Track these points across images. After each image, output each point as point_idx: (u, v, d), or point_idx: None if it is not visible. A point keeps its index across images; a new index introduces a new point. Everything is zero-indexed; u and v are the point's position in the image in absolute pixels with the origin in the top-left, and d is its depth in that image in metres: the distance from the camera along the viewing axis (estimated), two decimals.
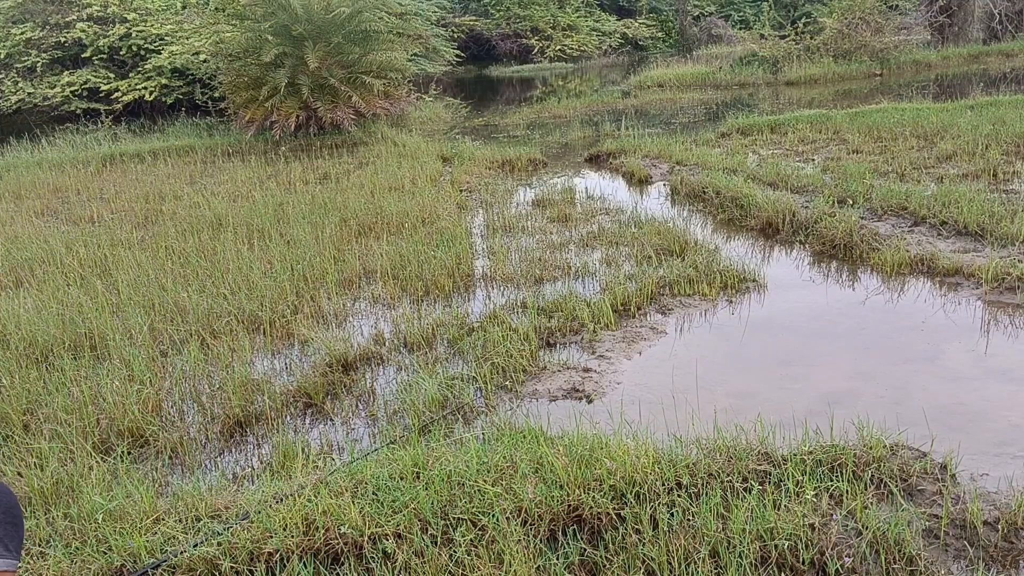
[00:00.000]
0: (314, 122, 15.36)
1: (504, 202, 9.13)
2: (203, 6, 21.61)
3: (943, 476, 3.22)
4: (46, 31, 20.77)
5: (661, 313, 5.46)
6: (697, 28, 37.40)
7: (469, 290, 6.19)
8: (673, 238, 6.82)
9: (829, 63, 22.37)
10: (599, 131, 14.79)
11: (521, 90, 27.31)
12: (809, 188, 8.23)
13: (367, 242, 7.41)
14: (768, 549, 2.74)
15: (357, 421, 4.25)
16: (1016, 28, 25.34)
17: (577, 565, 2.76)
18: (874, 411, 3.74)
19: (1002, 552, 2.78)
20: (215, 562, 2.81)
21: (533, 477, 3.11)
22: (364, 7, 15.64)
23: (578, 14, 37.53)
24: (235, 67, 15.82)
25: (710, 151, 11.00)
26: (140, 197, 10.41)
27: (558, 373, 4.61)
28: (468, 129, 17.12)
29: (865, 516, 2.87)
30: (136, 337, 5.19)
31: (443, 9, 32.99)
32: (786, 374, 4.52)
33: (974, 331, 4.87)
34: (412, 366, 4.79)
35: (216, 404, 4.40)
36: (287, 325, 5.50)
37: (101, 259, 7.21)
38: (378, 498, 3.06)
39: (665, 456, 3.26)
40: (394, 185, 9.99)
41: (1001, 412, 3.88)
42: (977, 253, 6.01)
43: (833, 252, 6.48)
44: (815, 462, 3.23)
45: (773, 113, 14.85)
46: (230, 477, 3.74)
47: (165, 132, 17.70)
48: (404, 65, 16.97)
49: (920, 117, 11.80)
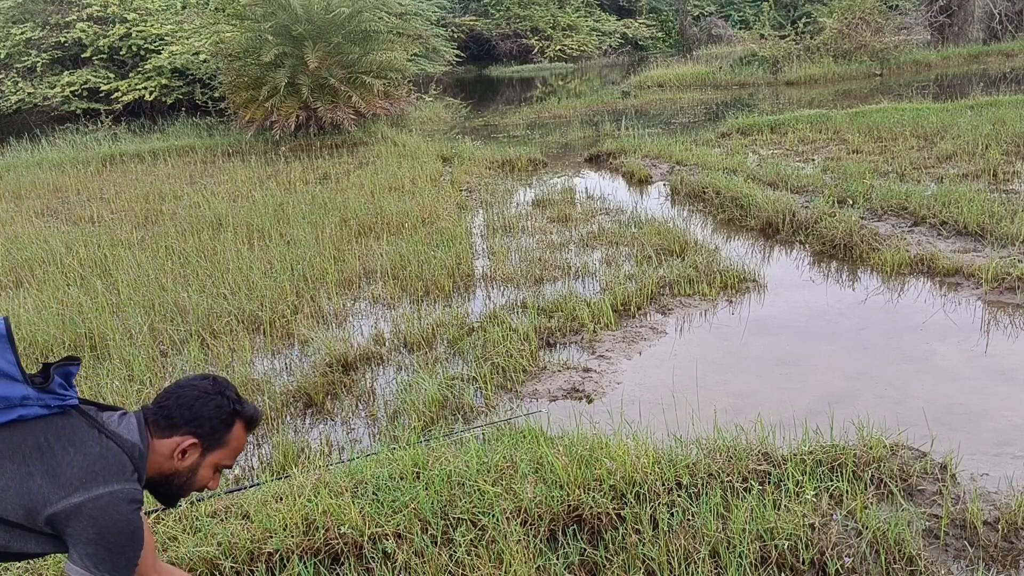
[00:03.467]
0: (314, 122, 15.35)
1: (504, 202, 9.13)
2: (203, 6, 21.61)
3: (943, 476, 3.22)
4: (46, 31, 20.77)
5: (661, 313, 5.46)
6: (697, 28, 37.39)
7: (469, 290, 6.19)
8: (673, 238, 6.82)
9: (829, 63, 22.37)
10: (599, 131, 14.79)
11: (521, 90, 27.31)
12: (809, 188, 8.23)
13: (367, 242, 7.41)
14: (768, 549, 2.74)
15: (357, 421, 4.25)
16: (1016, 28, 25.34)
17: (577, 565, 2.76)
18: (874, 411, 3.74)
19: (1002, 552, 2.78)
20: (215, 562, 2.81)
21: (533, 477, 3.11)
22: (364, 7, 15.65)
23: (578, 14, 37.53)
24: (235, 67, 15.81)
25: (710, 151, 11.01)
26: (140, 197, 10.41)
27: (558, 373, 4.61)
28: (468, 129, 17.12)
29: (865, 516, 2.87)
30: (136, 337, 5.19)
31: (443, 9, 33.01)
32: (786, 374, 4.52)
33: (974, 331, 4.87)
34: (412, 366, 4.79)
35: None
36: (287, 325, 5.50)
37: (101, 259, 7.21)
38: (378, 498, 3.06)
39: (665, 456, 3.26)
40: (394, 185, 9.99)
41: (1001, 412, 3.88)
42: (977, 253, 6.01)
43: (833, 252, 6.48)
44: (815, 462, 3.23)
45: (773, 113, 14.85)
46: (230, 478, 3.74)
47: (165, 132, 17.70)
48: (404, 65, 16.96)
49: (920, 117, 11.80)
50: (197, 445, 1.87)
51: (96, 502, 1.68)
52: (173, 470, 1.88)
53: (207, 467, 1.91)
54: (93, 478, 1.70)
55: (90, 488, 1.68)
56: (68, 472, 1.69)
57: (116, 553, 1.70)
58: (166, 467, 1.87)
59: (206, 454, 1.89)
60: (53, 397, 1.73)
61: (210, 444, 1.89)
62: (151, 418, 1.88)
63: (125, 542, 1.71)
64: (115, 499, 1.70)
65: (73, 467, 1.69)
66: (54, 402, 1.73)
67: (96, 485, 1.69)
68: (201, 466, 1.90)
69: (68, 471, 1.69)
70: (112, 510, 1.69)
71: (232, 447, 1.93)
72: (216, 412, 1.88)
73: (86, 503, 1.67)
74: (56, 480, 1.68)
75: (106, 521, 1.68)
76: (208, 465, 1.91)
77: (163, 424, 1.86)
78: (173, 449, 1.86)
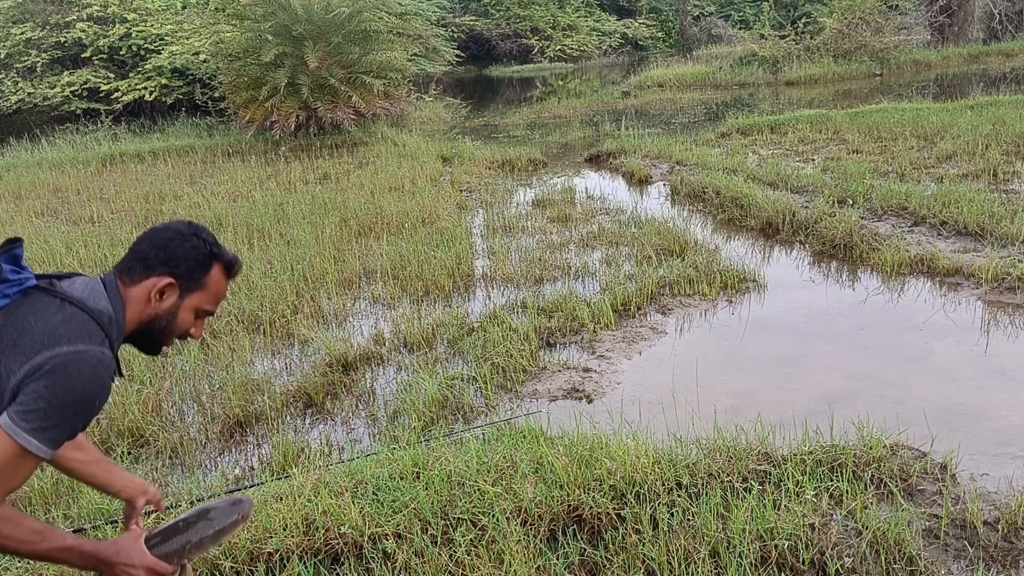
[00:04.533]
0: (314, 122, 15.35)
1: (504, 202, 9.13)
2: (203, 6, 21.60)
3: (943, 476, 3.22)
4: (46, 31, 20.76)
5: (661, 313, 5.46)
6: (697, 28, 37.39)
7: (469, 290, 6.19)
8: (673, 238, 6.82)
9: (829, 63, 22.37)
10: (599, 131, 14.79)
11: (521, 90, 27.31)
12: (809, 188, 8.23)
13: (367, 242, 7.41)
14: (768, 549, 2.74)
15: (357, 421, 4.26)
16: (1016, 28, 25.34)
17: (577, 565, 2.76)
18: (874, 411, 3.74)
19: (1002, 552, 2.78)
20: (215, 562, 2.81)
21: (533, 477, 3.11)
22: (364, 7, 15.65)
23: (578, 14, 37.53)
24: (235, 67, 15.82)
25: (710, 151, 11.01)
26: (140, 197, 10.41)
27: (558, 373, 4.61)
28: (468, 129, 17.12)
29: (865, 516, 2.87)
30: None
31: (443, 9, 33.00)
32: (786, 374, 4.52)
33: (974, 331, 4.87)
34: (412, 366, 4.79)
35: (216, 404, 4.40)
36: (287, 325, 5.50)
37: (101, 259, 7.21)
38: (378, 498, 3.06)
39: (665, 456, 3.26)
40: (394, 185, 9.99)
41: (1001, 412, 3.88)
42: (977, 253, 6.01)
43: (833, 252, 6.48)
44: (815, 462, 3.23)
45: (773, 113, 14.85)
46: (230, 478, 3.74)
47: (165, 132, 17.70)
48: (404, 65, 16.97)
49: (920, 117, 11.80)
50: (174, 285, 1.79)
51: (55, 359, 1.57)
52: (152, 314, 1.79)
53: (187, 310, 1.83)
54: (56, 340, 1.60)
55: (52, 348, 1.59)
56: (29, 339, 1.59)
57: (53, 411, 1.55)
58: (145, 314, 1.79)
59: (184, 296, 1.81)
60: (8, 285, 1.65)
61: (188, 285, 1.81)
62: (124, 270, 1.79)
63: (71, 404, 1.58)
64: (77, 357, 1.59)
65: (34, 333, 1.60)
66: (11, 289, 1.65)
67: (58, 345, 1.59)
68: (180, 308, 1.81)
69: (29, 338, 1.59)
70: (72, 368, 1.58)
71: (212, 291, 1.85)
72: (192, 252, 1.81)
73: (46, 361, 1.57)
74: (17, 350, 1.59)
75: (62, 376, 1.57)
76: (188, 308, 1.82)
77: (138, 270, 1.78)
78: (150, 291, 1.77)
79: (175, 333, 1.85)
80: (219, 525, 1.88)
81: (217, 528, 1.88)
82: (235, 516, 1.91)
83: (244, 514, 1.94)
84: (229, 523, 1.90)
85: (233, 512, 1.92)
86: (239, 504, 1.95)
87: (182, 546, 1.83)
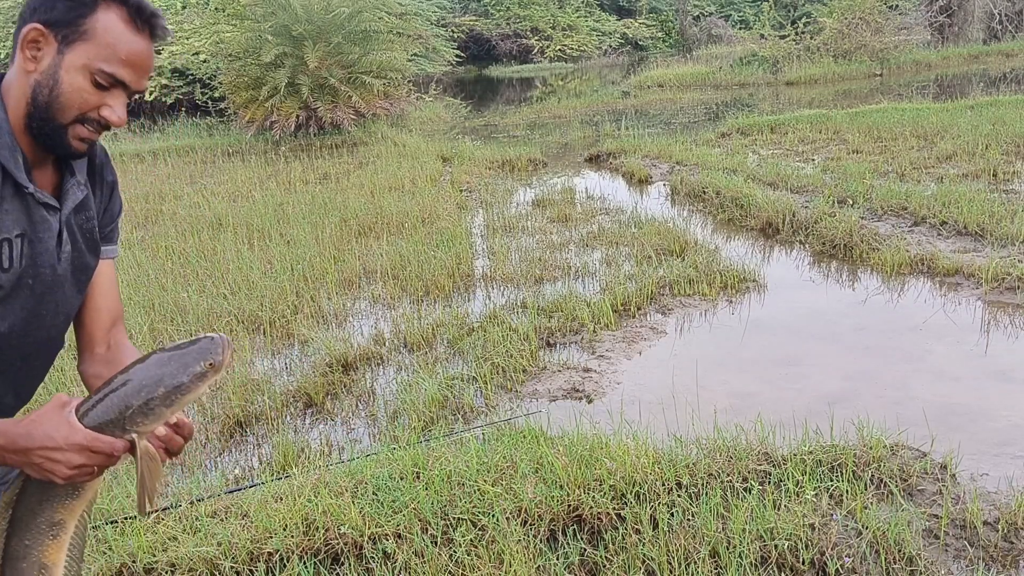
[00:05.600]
0: (314, 122, 15.36)
1: (504, 202, 9.13)
2: (203, 6, 21.61)
3: (943, 476, 3.21)
4: None
5: (661, 313, 5.46)
6: (697, 28, 37.40)
7: (469, 290, 6.19)
8: (673, 238, 6.82)
9: (829, 63, 22.38)
10: (599, 131, 14.79)
11: (521, 90, 27.32)
12: (809, 188, 8.23)
13: (367, 242, 7.41)
14: (768, 549, 2.74)
15: (357, 421, 4.26)
16: (1016, 28, 25.35)
17: (577, 565, 2.76)
18: (874, 411, 3.73)
19: (1002, 552, 2.78)
20: (215, 562, 2.81)
21: (533, 477, 3.11)
22: (364, 7, 15.66)
23: (578, 14, 37.54)
24: (235, 67, 15.82)
25: (710, 151, 11.01)
26: (140, 197, 10.41)
27: (558, 373, 4.61)
28: (468, 129, 17.12)
29: (865, 516, 2.87)
30: (136, 337, 5.19)
31: (443, 9, 33.01)
32: (786, 374, 4.52)
33: (974, 331, 4.87)
34: (412, 366, 4.79)
35: (216, 404, 4.40)
36: (287, 325, 5.50)
37: None
38: (378, 498, 3.06)
39: (665, 456, 3.26)
40: (394, 185, 9.99)
41: (1001, 412, 3.88)
42: (977, 253, 6.01)
43: (833, 252, 6.48)
44: (815, 462, 3.23)
45: (773, 113, 14.85)
46: (230, 478, 3.74)
47: (165, 132, 17.69)
48: (404, 65, 16.98)
49: (920, 117, 11.80)
50: (44, 33, 1.36)
51: None
52: (33, 84, 1.37)
53: (73, 71, 1.37)
54: None
55: None
56: None
57: None
58: (27, 88, 1.38)
59: (64, 49, 1.36)
60: None
61: (66, 35, 1.36)
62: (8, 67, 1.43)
63: None
64: None
65: None
66: None
67: None
68: (62, 68, 1.36)
69: None
70: None
71: (105, 42, 1.37)
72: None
73: None
74: None
75: None
76: (74, 68, 1.36)
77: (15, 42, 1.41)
78: (23, 53, 1.37)
79: (68, 109, 1.38)
80: (174, 380, 1.32)
81: (171, 384, 1.31)
82: (197, 367, 1.34)
83: (214, 363, 1.36)
84: (189, 378, 1.33)
85: (195, 360, 1.34)
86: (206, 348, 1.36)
87: (121, 412, 1.29)
